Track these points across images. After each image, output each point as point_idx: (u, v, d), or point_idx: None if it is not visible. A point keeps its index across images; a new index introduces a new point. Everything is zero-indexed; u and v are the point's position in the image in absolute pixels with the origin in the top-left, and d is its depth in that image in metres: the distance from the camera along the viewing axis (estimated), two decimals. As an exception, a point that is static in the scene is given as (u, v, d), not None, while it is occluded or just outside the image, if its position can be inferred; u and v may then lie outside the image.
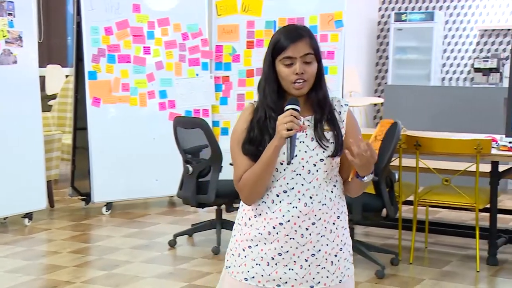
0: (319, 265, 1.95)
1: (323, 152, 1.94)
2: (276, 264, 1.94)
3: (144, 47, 5.92)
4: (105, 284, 3.98)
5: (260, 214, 1.96)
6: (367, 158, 1.87)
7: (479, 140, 4.25)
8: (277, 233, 1.93)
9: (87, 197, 5.81)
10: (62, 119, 6.92)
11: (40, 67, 5.49)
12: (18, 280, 4.02)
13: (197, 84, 6.18)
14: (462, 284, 4.04)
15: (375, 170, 4.11)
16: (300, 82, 1.93)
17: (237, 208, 4.88)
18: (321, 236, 1.95)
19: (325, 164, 1.92)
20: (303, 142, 1.94)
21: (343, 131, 1.99)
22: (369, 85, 9.92)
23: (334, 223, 1.96)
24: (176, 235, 4.81)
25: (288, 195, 1.93)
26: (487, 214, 4.46)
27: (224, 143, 5.71)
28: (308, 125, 1.97)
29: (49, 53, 8.55)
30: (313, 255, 1.94)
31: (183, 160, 4.68)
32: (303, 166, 1.93)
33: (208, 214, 5.43)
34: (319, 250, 1.95)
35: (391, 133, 4.21)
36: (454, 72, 9.40)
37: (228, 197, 4.66)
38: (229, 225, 4.86)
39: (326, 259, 1.96)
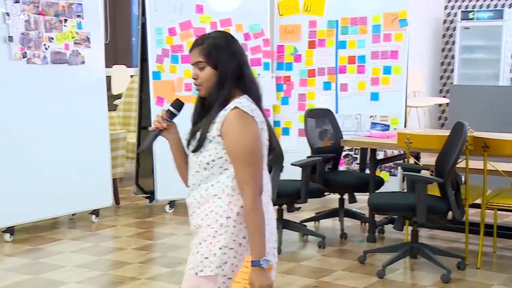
0: (191, 253, 2.16)
1: (191, 151, 2.15)
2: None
3: (207, 47, 5.97)
4: (169, 281, 4.04)
5: None
6: None
7: (552, 142, 4.09)
8: None
9: (151, 195, 5.92)
10: (127, 118, 7.07)
11: (106, 67, 5.63)
12: (86, 275, 4.13)
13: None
14: (532, 291, 3.90)
15: (441, 172, 4.03)
16: (197, 86, 2.16)
17: (298, 208, 4.90)
18: (196, 228, 2.15)
19: (194, 163, 2.13)
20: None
21: (212, 133, 2.09)
22: (434, 85, 9.71)
23: (202, 219, 2.12)
24: (237, 234, 4.83)
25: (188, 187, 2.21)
26: (559, 219, 4.29)
27: (285, 143, 5.73)
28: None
29: (115, 54, 8.75)
30: (194, 243, 2.15)
31: (245, 159, 4.69)
32: (190, 164, 2.17)
33: (269, 214, 5.42)
34: (196, 240, 2.15)
35: (457, 134, 4.10)
36: (524, 72, 9.08)
37: (289, 197, 4.65)
38: (290, 225, 4.85)
39: (196, 248, 2.13)
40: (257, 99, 2.14)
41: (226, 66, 2.11)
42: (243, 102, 2.09)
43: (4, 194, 4.74)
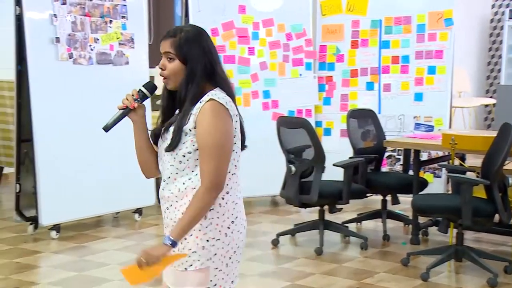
0: (173, 249, 2.06)
1: (167, 146, 2.10)
2: None
3: (248, 47, 5.99)
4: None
5: None
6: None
7: None
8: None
9: (193, 194, 5.95)
10: (170, 118, 7.13)
11: (149, 67, 5.69)
12: (128, 273, 4.17)
13: (301, 84, 6.18)
14: None
15: (487, 174, 3.95)
16: (163, 77, 2.13)
17: (340, 209, 4.87)
18: (174, 222, 2.09)
19: (168, 156, 2.10)
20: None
21: (189, 125, 2.07)
22: (480, 85, 9.51)
23: (182, 213, 2.06)
24: (279, 234, 4.83)
25: (161, 179, 2.17)
26: None
27: (327, 144, 5.70)
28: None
29: (158, 54, 8.84)
30: None
31: (286, 160, 4.69)
32: (160, 158, 2.15)
33: (310, 214, 5.41)
34: None
35: (505, 135, 4.01)
36: None
37: (331, 198, 4.62)
38: (331, 226, 4.82)
39: (181, 243, 2.07)
40: (229, 96, 2.12)
41: (195, 61, 2.08)
42: (218, 94, 2.07)
43: (51, 193, 4.84)
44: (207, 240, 2.07)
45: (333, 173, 4.68)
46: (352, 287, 3.96)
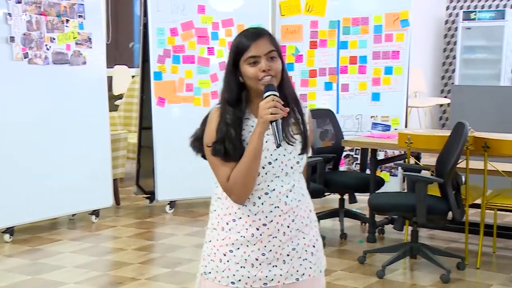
0: (300, 257, 2.02)
1: (298, 154, 2.01)
2: (260, 264, 1.98)
3: (208, 47, 5.98)
4: (168, 282, 4.04)
5: (241, 218, 1.99)
6: None
7: (552, 142, 4.08)
8: (260, 235, 1.98)
9: (151, 195, 5.92)
10: (128, 118, 7.07)
11: (107, 67, 5.63)
12: (86, 276, 4.13)
13: (260, 85, 6.20)
14: (532, 291, 3.89)
15: (441, 172, 4.03)
16: (268, 78, 1.94)
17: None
18: (299, 231, 2.01)
19: (300, 166, 2.02)
20: (281, 145, 1.94)
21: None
22: (435, 85, 9.70)
23: (308, 217, 2.04)
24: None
25: (270, 197, 1.98)
26: (560, 220, 4.28)
27: (287, 144, 5.72)
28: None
29: (116, 54, 8.75)
30: (293, 249, 2.01)
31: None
32: (282, 169, 1.99)
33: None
34: (298, 244, 2.01)
35: (458, 134, 4.10)
36: (526, 72, 9.07)
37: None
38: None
39: (306, 250, 2.03)
40: None
41: (283, 60, 2.01)
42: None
43: (3, 194, 4.75)
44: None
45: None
46: (310, 285, 3.99)
